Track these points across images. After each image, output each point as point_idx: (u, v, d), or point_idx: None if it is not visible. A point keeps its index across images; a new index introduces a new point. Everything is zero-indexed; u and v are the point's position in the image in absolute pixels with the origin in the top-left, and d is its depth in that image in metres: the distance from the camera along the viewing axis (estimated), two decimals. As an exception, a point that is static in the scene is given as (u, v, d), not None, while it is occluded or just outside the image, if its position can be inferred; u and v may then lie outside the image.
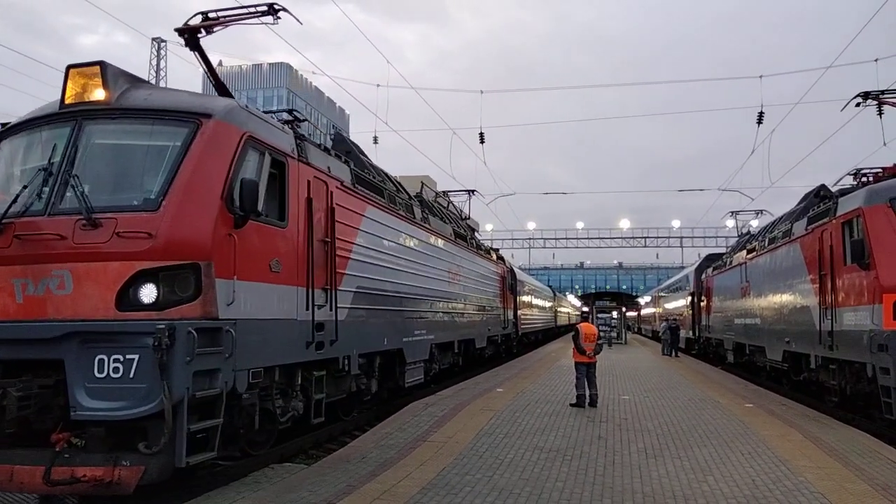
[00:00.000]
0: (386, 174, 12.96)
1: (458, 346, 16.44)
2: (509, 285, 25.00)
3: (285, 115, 9.35)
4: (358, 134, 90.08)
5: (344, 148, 11.23)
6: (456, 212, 21.47)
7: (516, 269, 29.88)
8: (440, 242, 14.63)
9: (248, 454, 7.90)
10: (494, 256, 23.32)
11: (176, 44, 8.02)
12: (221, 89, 8.25)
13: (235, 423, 6.81)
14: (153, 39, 56.17)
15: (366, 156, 12.35)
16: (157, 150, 6.45)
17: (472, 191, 23.56)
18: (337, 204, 8.66)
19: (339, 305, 8.58)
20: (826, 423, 10.35)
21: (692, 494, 6.17)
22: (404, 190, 13.51)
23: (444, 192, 22.30)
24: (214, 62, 8.58)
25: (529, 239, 67.32)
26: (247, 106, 7.26)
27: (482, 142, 24.66)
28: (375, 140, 24.49)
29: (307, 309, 7.74)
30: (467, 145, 27.93)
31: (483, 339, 19.56)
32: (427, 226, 13.70)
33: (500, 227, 60.79)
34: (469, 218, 23.30)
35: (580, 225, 69.69)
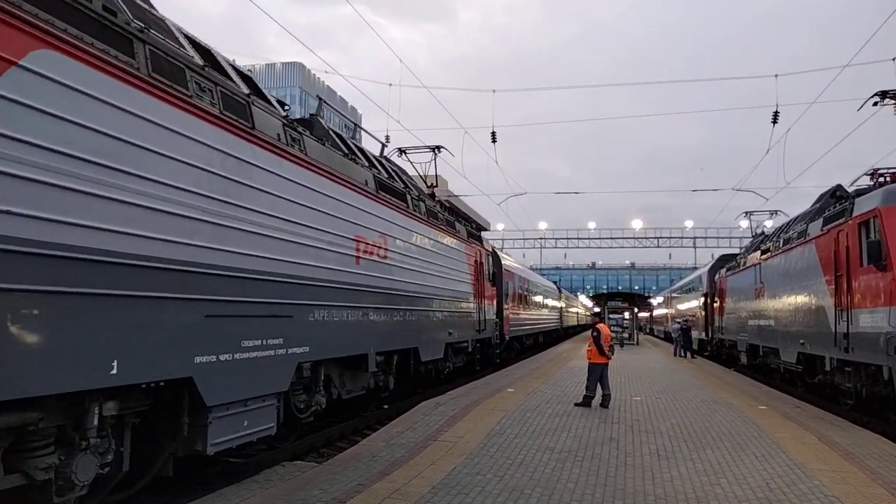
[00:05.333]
0: (211, 51, 7.27)
1: (378, 362, 10.35)
2: (489, 274, 19.17)
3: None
4: (371, 132, 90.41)
5: None
6: (419, 173, 17.45)
7: (503, 256, 24.68)
8: (341, 193, 9.00)
9: None
10: (464, 233, 17.01)
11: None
12: None
13: None
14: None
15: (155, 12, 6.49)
16: None
17: (438, 147, 18.42)
18: None
19: None
20: (841, 426, 10.24)
21: (705, 497, 6.12)
22: (251, 87, 7.81)
23: (400, 148, 17.99)
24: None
25: (541, 239, 67.32)
26: None
27: (494, 141, 24.57)
28: (388, 139, 24.49)
29: None
30: (479, 144, 27.87)
31: (438, 349, 13.60)
32: (298, 156, 7.86)
33: (512, 227, 60.76)
34: (436, 186, 18.72)
35: (592, 225, 69.64)
